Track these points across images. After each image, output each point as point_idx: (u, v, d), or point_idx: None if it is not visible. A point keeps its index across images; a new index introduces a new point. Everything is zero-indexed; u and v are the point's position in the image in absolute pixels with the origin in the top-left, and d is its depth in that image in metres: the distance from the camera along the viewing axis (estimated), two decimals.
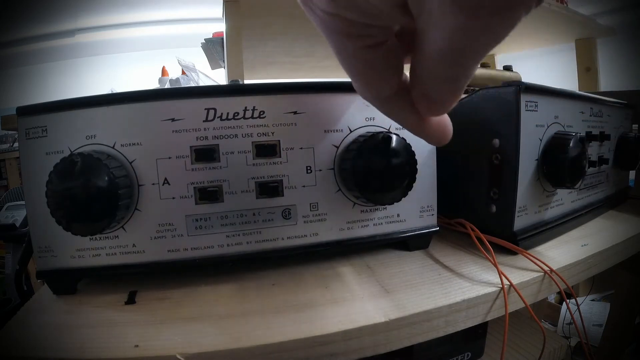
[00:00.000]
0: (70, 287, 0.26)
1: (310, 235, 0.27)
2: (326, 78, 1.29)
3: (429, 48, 0.12)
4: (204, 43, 0.96)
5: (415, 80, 0.14)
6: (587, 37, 1.04)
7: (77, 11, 2.06)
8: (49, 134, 0.24)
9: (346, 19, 0.13)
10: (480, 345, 0.37)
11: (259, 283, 0.26)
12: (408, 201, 0.28)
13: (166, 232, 0.25)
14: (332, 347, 0.20)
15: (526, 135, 0.29)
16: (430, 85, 0.14)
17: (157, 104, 0.24)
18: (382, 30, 0.13)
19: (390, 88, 0.15)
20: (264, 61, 1.04)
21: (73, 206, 0.21)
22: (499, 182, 0.30)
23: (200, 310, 0.23)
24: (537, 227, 0.31)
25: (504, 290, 0.24)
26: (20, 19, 2.03)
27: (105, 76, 2.39)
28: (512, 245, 0.29)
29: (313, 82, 0.27)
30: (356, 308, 0.22)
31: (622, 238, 0.33)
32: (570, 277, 0.29)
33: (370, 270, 0.28)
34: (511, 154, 0.28)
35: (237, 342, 0.19)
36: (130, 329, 0.21)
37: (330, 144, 0.27)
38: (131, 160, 0.24)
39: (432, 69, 0.13)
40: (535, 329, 0.44)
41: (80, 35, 2.31)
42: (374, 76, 0.15)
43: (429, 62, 0.13)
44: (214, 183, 0.25)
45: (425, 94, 0.14)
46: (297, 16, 0.73)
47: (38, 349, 0.20)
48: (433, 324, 0.23)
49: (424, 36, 0.12)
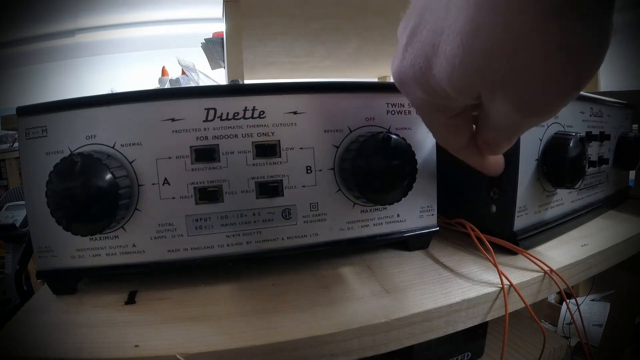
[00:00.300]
0: (70, 287, 0.26)
1: (310, 235, 0.27)
2: (326, 78, 1.29)
3: (493, 122, 0.17)
4: (204, 43, 0.96)
5: (480, 134, 0.20)
6: None
7: (77, 11, 2.06)
8: (49, 134, 0.24)
9: (437, 103, 0.18)
10: (480, 345, 0.37)
11: (259, 283, 0.26)
12: (408, 201, 0.28)
13: (166, 232, 0.25)
14: (332, 347, 0.20)
15: (526, 135, 0.29)
16: (492, 139, 0.19)
17: (157, 104, 0.24)
18: (460, 107, 0.19)
19: (462, 142, 0.21)
20: (264, 61, 1.04)
21: (73, 206, 0.21)
22: (499, 182, 0.30)
23: (200, 310, 0.23)
24: (537, 227, 0.31)
25: (504, 291, 0.24)
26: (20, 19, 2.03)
27: (105, 76, 2.39)
28: (512, 245, 0.29)
29: (313, 82, 0.27)
30: (356, 308, 0.22)
31: (622, 238, 0.33)
32: (570, 277, 0.29)
33: (370, 270, 0.28)
34: (511, 154, 0.28)
35: (237, 342, 0.20)
36: (130, 329, 0.21)
37: (330, 144, 0.27)
38: (131, 160, 0.24)
39: (494, 132, 0.18)
40: (535, 329, 0.44)
41: (80, 35, 2.31)
42: (452, 136, 0.21)
43: (491, 129, 0.18)
44: (214, 183, 0.25)
45: (487, 143, 0.20)
46: (297, 16, 0.73)
47: (38, 349, 0.20)
48: (433, 324, 0.23)
49: (489, 114, 0.17)
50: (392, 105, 0.28)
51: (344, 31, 0.85)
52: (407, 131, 0.29)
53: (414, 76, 0.17)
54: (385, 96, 0.28)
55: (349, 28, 0.84)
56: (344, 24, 0.81)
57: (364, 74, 1.38)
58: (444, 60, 0.15)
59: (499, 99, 0.15)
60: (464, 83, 0.15)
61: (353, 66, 1.24)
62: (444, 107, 0.19)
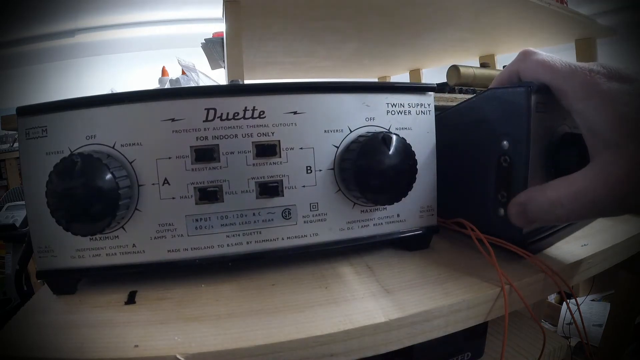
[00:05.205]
0: (70, 287, 0.26)
1: (310, 235, 0.27)
2: (326, 78, 1.29)
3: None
4: (204, 43, 0.96)
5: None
6: (587, 37, 1.04)
7: (77, 11, 2.06)
8: (49, 134, 0.24)
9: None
10: (480, 345, 0.37)
11: (259, 283, 0.26)
12: (408, 201, 0.28)
13: (166, 232, 0.25)
14: (332, 347, 0.20)
15: (536, 137, 0.28)
16: (540, 220, 0.25)
17: (157, 104, 0.24)
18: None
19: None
20: (264, 61, 1.04)
21: (73, 206, 0.21)
22: (507, 184, 0.29)
23: (200, 310, 0.23)
24: (545, 229, 0.31)
25: (504, 291, 0.24)
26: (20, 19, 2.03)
27: (105, 76, 2.39)
28: (521, 250, 0.28)
29: (313, 82, 0.27)
30: (356, 308, 0.22)
31: (622, 238, 0.33)
32: (570, 277, 0.29)
33: (370, 270, 0.28)
34: (521, 156, 0.28)
35: (237, 342, 0.20)
36: (130, 329, 0.21)
37: (330, 144, 0.27)
38: (131, 161, 0.24)
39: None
40: (535, 329, 0.44)
41: (80, 36, 2.31)
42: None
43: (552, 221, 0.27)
44: (214, 183, 0.25)
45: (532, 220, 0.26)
46: (297, 16, 0.73)
47: (38, 349, 0.20)
48: (433, 324, 0.23)
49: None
50: (392, 105, 0.28)
51: (344, 31, 0.85)
52: (407, 131, 0.29)
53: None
54: (385, 96, 0.28)
55: (349, 28, 0.84)
56: (344, 24, 0.81)
57: (364, 74, 1.38)
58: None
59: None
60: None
61: (353, 66, 1.24)
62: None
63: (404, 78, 1.39)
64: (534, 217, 0.25)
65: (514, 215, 0.26)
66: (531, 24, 0.92)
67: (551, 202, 0.24)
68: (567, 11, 0.86)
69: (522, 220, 0.26)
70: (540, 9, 0.80)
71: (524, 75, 0.28)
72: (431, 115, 0.30)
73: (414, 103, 0.29)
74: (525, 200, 0.25)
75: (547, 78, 0.25)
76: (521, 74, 0.28)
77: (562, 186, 0.23)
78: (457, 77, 0.60)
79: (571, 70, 0.23)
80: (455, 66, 0.60)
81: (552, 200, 0.24)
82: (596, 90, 0.22)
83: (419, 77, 1.33)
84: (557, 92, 0.25)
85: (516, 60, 0.28)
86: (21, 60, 2.36)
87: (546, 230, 0.31)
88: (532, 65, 0.26)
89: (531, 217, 0.25)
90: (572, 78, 0.23)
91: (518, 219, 0.26)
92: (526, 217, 0.25)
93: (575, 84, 0.23)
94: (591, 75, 0.22)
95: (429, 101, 0.30)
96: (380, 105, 0.28)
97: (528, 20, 0.89)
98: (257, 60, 1.01)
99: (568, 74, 0.24)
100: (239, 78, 0.61)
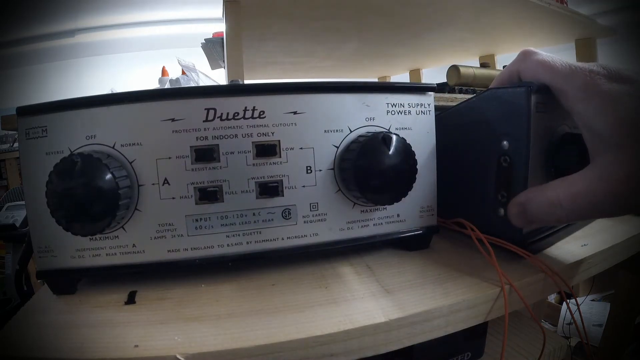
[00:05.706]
0: (70, 287, 0.26)
1: (310, 235, 0.27)
2: (326, 78, 1.29)
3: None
4: (204, 43, 0.96)
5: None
6: (587, 37, 1.04)
7: (77, 11, 2.07)
8: (49, 134, 0.24)
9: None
10: (480, 345, 0.37)
11: (259, 283, 0.26)
12: (408, 201, 0.28)
13: (166, 232, 0.25)
14: (332, 347, 0.20)
15: (536, 137, 0.28)
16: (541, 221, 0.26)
17: (157, 104, 0.24)
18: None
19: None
20: (264, 61, 1.04)
21: (73, 206, 0.21)
22: (507, 184, 0.29)
23: (200, 310, 0.23)
24: (545, 229, 0.31)
25: (504, 291, 0.24)
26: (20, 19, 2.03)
27: (105, 76, 2.39)
28: (521, 250, 0.28)
29: (313, 82, 0.27)
30: (356, 308, 0.22)
31: (622, 238, 0.33)
32: (570, 277, 0.28)
33: (370, 271, 0.28)
34: (521, 156, 0.28)
35: (237, 342, 0.19)
36: (130, 329, 0.21)
37: (330, 144, 0.27)
38: (131, 161, 0.24)
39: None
40: (535, 329, 0.44)
41: (80, 36, 2.31)
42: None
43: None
44: (214, 183, 0.25)
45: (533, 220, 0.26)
46: (297, 16, 0.73)
47: (38, 349, 0.20)
48: (433, 324, 0.23)
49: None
50: (392, 105, 0.28)
51: (344, 31, 0.85)
52: (407, 131, 0.29)
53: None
54: (385, 96, 0.28)
55: (349, 28, 0.84)
56: (344, 24, 0.81)
57: (364, 74, 1.38)
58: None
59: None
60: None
61: (353, 66, 1.24)
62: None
63: (404, 78, 1.39)
64: (533, 218, 0.25)
65: (513, 215, 0.26)
66: (531, 24, 0.92)
67: (551, 202, 0.24)
68: (567, 11, 0.86)
69: (522, 220, 0.26)
70: (540, 9, 0.80)
71: (524, 75, 0.28)
72: (431, 115, 0.30)
73: (414, 103, 0.29)
74: (525, 201, 0.25)
75: (547, 78, 0.25)
76: (521, 74, 0.28)
77: (561, 187, 0.23)
78: (457, 77, 0.61)
79: (571, 71, 0.24)
80: (455, 66, 0.60)
81: (552, 201, 0.24)
82: (596, 91, 0.22)
83: (419, 77, 1.33)
84: (557, 93, 0.25)
85: (516, 60, 0.28)
86: (21, 60, 2.36)
87: (546, 230, 0.31)
88: (532, 65, 0.26)
89: (531, 218, 0.25)
90: (572, 78, 0.23)
91: (518, 219, 0.26)
92: (526, 217, 0.25)
93: (575, 85, 0.23)
94: (591, 75, 0.22)
95: (429, 101, 0.30)
96: (380, 105, 0.28)
97: (528, 20, 0.89)
98: (257, 60, 1.01)
99: (568, 74, 0.24)
100: (239, 78, 0.61)
